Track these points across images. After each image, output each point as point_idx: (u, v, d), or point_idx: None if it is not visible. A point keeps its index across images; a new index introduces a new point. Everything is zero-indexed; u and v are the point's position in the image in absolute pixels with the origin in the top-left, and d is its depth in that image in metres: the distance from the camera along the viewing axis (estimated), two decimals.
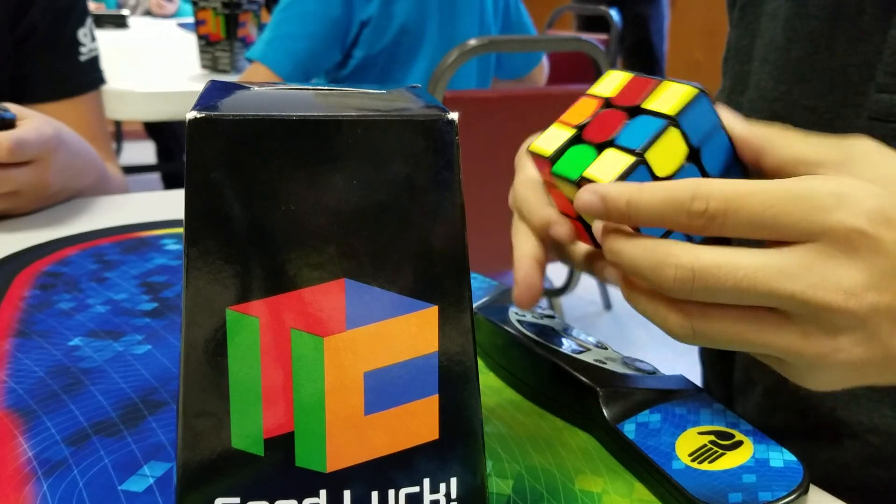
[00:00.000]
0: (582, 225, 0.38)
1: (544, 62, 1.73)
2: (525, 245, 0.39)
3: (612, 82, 0.37)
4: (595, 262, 0.41)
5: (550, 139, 0.37)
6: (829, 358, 0.30)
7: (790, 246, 0.29)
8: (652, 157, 0.33)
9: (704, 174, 0.34)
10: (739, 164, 0.35)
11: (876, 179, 0.30)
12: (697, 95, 0.33)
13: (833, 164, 0.32)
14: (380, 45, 1.42)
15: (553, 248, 0.41)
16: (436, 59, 1.47)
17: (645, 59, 3.11)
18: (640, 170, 0.33)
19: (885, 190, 0.29)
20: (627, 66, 3.15)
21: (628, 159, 0.33)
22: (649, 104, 0.34)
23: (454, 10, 1.48)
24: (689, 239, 0.32)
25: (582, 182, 0.33)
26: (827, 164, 0.32)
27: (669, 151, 0.33)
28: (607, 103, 0.36)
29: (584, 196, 0.32)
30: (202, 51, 1.80)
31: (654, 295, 0.32)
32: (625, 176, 0.32)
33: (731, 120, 0.34)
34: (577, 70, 1.97)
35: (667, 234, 0.33)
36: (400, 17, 1.41)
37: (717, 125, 0.34)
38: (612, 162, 0.33)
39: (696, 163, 0.34)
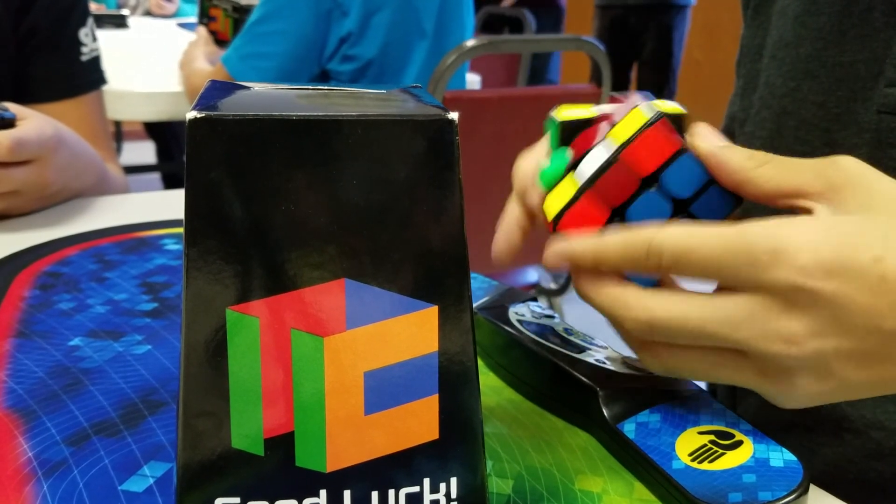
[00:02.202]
0: None
1: None
2: (512, 211, 0.40)
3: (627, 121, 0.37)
4: None
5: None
6: (787, 390, 0.32)
7: (737, 293, 0.31)
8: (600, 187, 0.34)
9: (673, 200, 0.35)
10: (717, 186, 0.35)
11: (855, 209, 0.31)
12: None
13: (814, 193, 0.32)
14: (365, 58, 1.41)
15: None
16: (427, 63, 1.46)
17: (662, 66, 3.11)
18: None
19: (830, 235, 0.30)
20: (644, 72, 3.14)
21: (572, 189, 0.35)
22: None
23: (443, 12, 1.47)
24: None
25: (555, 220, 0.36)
26: (808, 194, 0.32)
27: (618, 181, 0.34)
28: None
29: (552, 258, 0.35)
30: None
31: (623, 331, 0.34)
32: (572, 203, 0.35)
33: (708, 149, 0.34)
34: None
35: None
36: (382, 30, 1.40)
37: (683, 157, 0.34)
38: (565, 189, 0.35)
39: (658, 189, 0.34)
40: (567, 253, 0.34)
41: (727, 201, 0.35)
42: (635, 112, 0.34)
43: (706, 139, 0.34)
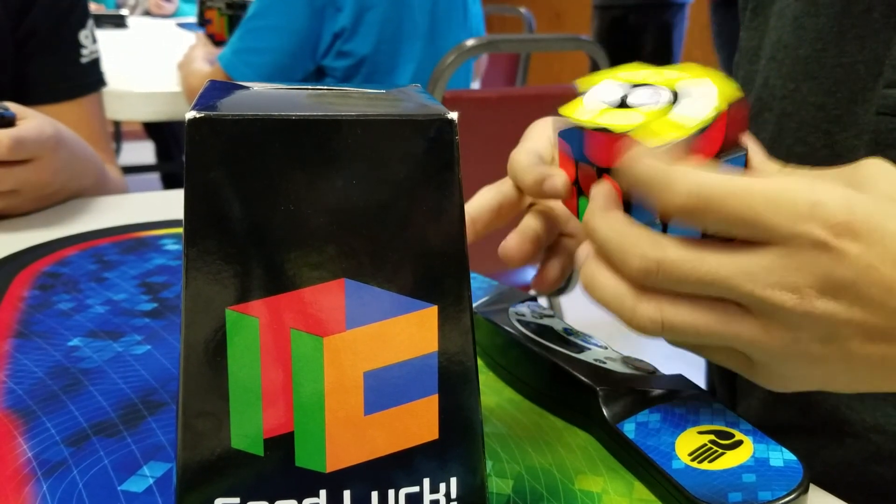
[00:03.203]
0: (577, 191, 0.38)
1: None
2: (529, 222, 0.42)
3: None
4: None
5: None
6: (789, 349, 0.31)
7: (757, 247, 0.30)
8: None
9: None
10: None
11: (886, 191, 0.31)
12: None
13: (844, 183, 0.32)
14: (359, 54, 1.41)
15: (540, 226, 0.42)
16: (423, 63, 1.46)
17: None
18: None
19: (864, 202, 0.30)
20: None
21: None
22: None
23: (438, 11, 1.47)
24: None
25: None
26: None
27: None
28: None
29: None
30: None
31: (621, 283, 0.33)
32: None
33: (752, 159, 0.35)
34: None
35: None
36: (375, 26, 1.40)
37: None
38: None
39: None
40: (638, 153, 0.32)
41: None
42: (688, 66, 0.35)
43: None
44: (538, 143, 0.42)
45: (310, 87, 0.31)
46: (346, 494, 0.28)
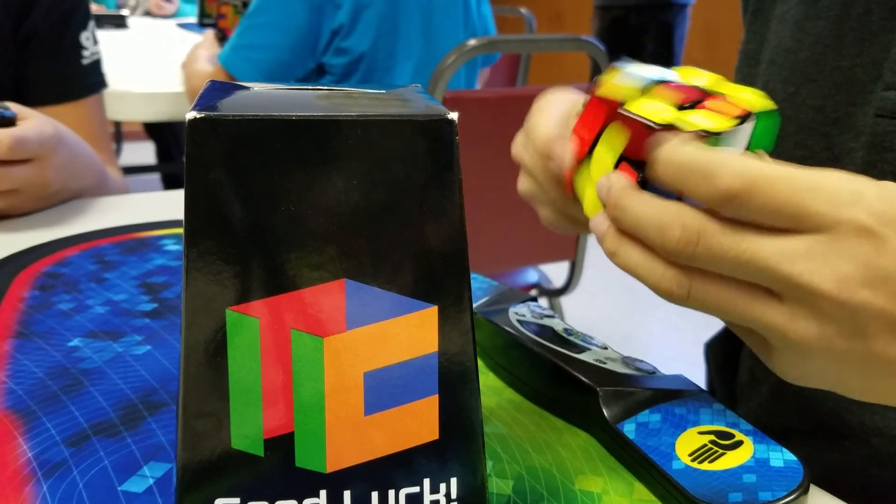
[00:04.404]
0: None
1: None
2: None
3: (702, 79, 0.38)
4: (568, 214, 0.42)
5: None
6: (811, 343, 0.30)
7: (798, 232, 0.30)
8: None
9: None
10: None
11: None
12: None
13: None
14: (358, 51, 1.41)
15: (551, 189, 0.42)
16: (422, 61, 1.46)
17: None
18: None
19: None
20: None
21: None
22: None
23: (435, 9, 1.47)
24: None
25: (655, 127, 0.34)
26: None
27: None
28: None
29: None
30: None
31: (650, 251, 0.32)
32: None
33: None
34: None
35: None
36: (373, 23, 1.40)
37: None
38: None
39: None
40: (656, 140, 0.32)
41: None
42: (687, 69, 0.36)
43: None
44: (557, 114, 0.42)
45: (310, 87, 0.31)
46: (347, 495, 0.28)
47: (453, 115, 0.27)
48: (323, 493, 0.28)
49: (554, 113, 0.41)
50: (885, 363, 0.30)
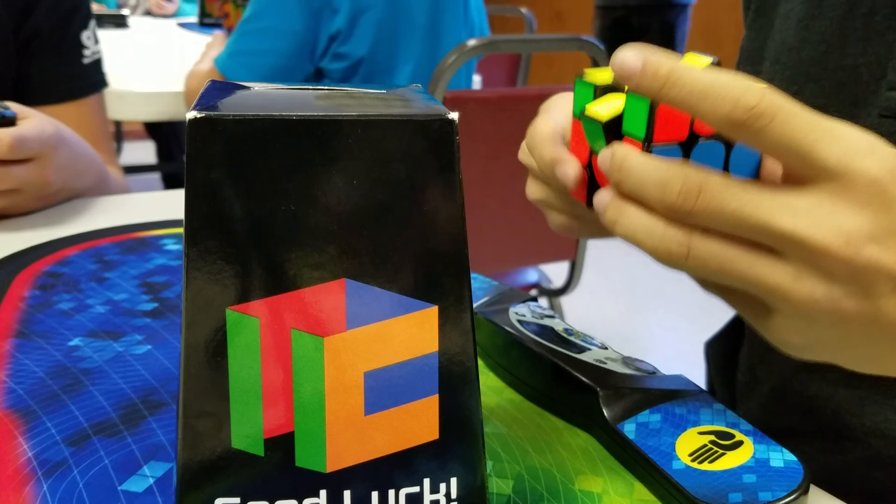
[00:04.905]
0: (588, 178, 0.38)
1: None
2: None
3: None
4: (579, 218, 0.41)
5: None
6: (817, 305, 0.29)
7: (803, 185, 0.29)
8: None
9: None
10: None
11: None
12: None
13: None
14: (356, 56, 1.41)
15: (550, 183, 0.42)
16: (421, 62, 1.46)
17: None
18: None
19: None
20: None
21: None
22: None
23: (437, 10, 1.47)
24: None
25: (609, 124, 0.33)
26: None
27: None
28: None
29: (625, 54, 0.30)
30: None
31: (650, 212, 0.31)
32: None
33: None
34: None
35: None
36: (371, 28, 1.40)
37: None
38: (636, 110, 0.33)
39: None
40: (644, 55, 0.30)
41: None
42: (691, 56, 0.33)
43: None
44: (560, 117, 0.40)
45: (310, 86, 0.31)
46: (347, 494, 0.28)
47: (454, 115, 0.27)
48: (323, 492, 0.28)
49: (556, 120, 0.41)
50: (891, 327, 0.29)
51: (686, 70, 0.30)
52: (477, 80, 1.88)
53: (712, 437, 0.37)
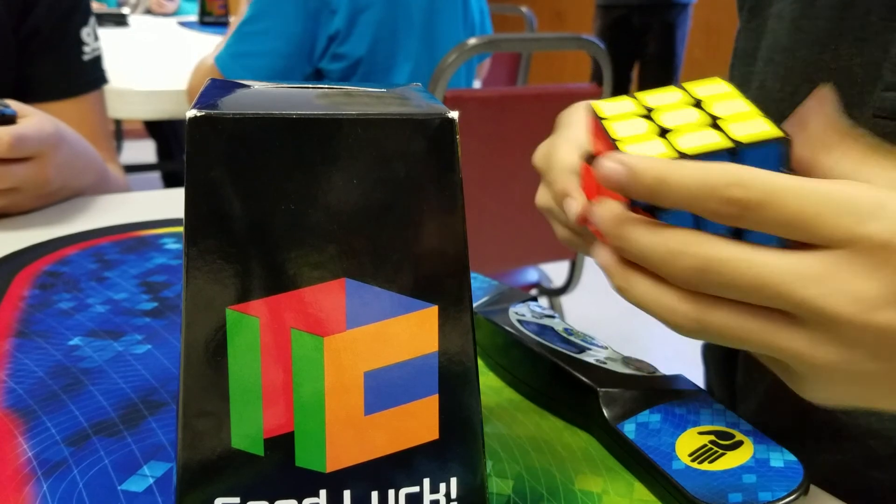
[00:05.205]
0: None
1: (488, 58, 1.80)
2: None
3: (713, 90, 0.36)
4: (585, 236, 0.41)
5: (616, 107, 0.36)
6: (838, 367, 0.29)
7: (813, 250, 0.28)
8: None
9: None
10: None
11: None
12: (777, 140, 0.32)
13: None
14: (355, 56, 1.41)
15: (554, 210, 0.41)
16: (420, 61, 1.46)
17: (664, 65, 3.10)
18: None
19: None
20: (646, 71, 3.14)
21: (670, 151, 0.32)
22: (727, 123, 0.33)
23: (435, 9, 1.47)
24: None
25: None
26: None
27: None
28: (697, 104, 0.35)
29: (608, 164, 0.30)
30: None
31: (659, 281, 0.31)
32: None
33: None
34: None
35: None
36: (370, 28, 1.40)
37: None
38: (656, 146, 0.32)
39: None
40: (629, 163, 0.29)
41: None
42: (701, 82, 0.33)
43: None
44: (580, 134, 0.40)
45: (311, 85, 0.31)
46: (346, 494, 0.28)
47: (454, 114, 0.27)
48: (323, 492, 0.28)
49: (578, 144, 0.40)
50: None
51: (671, 173, 0.29)
52: (477, 80, 1.88)
53: (712, 437, 0.37)
